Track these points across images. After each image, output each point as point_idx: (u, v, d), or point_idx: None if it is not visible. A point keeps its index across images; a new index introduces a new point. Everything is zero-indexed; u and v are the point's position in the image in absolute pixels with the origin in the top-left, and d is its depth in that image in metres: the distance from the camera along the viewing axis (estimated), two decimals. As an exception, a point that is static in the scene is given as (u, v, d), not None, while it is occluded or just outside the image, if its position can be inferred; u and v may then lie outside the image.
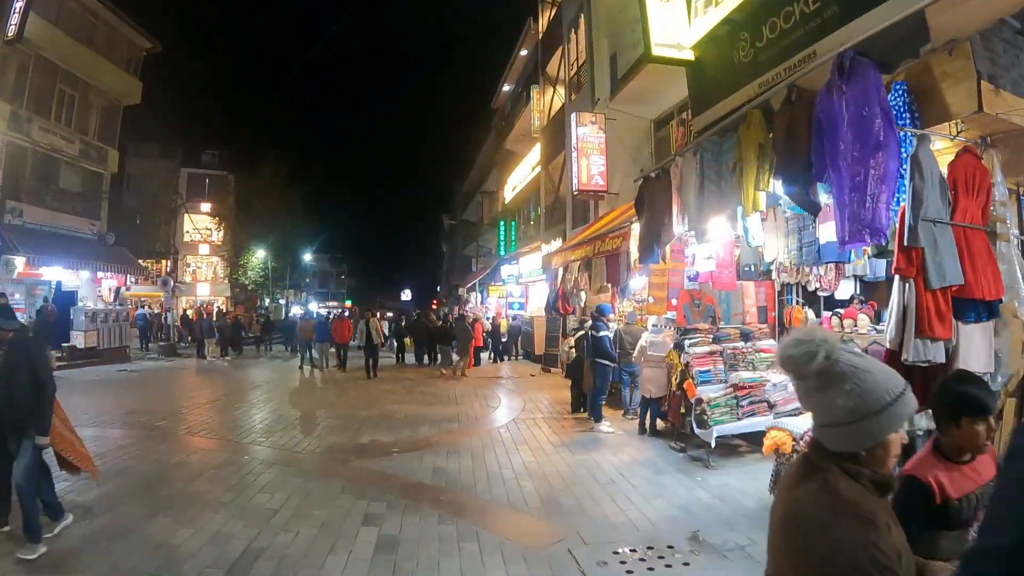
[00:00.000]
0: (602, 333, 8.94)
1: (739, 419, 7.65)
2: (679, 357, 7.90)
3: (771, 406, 7.92)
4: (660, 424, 9.13)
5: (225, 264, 44.72)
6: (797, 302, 9.59)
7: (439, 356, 18.89)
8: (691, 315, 8.31)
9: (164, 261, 43.30)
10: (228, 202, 42.14)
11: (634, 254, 8.59)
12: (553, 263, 12.12)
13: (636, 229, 8.88)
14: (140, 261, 37.69)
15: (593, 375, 9.17)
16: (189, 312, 34.10)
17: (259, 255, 41.24)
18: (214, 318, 25.84)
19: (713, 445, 7.42)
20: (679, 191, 6.84)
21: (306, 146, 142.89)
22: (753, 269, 9.17)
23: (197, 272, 47.00)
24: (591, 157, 13.15)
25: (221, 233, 43.13)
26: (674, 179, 7.07)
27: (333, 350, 17.83)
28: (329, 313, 21.58)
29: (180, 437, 8.75)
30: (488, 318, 24.32)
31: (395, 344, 22.75)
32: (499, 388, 14.34)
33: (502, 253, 26.32)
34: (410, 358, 21.25)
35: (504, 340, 22.78)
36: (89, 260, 21.51)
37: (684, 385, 7.62)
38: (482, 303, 32.71)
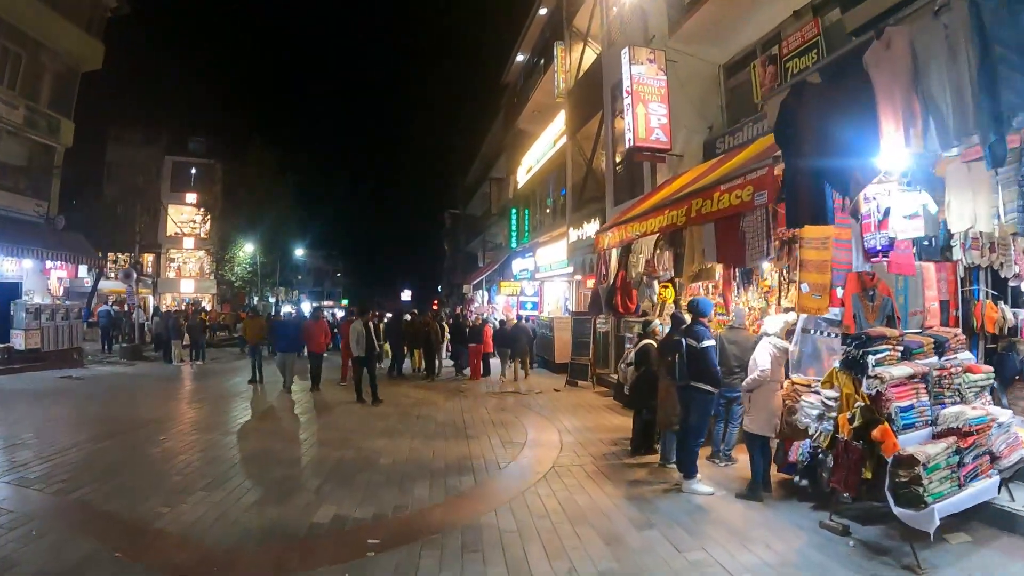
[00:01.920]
0: (706, 343, 5.71)
1: (961, 486, 4.51)
2: (856, 383, 4.69)
3: (993, 459, 4.82)
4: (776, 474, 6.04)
5: (211, 259, 41.58)
6: (988, 294, 6.41)
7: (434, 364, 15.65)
8: (863, 313, 5.14)
9: (146, 256, 40.28)
10: (215, 192, 39.18)
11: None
12: (604, 244, 8.80)
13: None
14: (120, 255, 34.91)
15: (689, 407, 5.95)
16: (173, 310, 30.86)
17: (247, 249, 37.92)
18: (185, 317, 22.83)
19: (933, 537, 4.29)
20: (911, 80, 3.64)
21: (301, 137, 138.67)
22: (933, 244, 6.01)
23: (182, 268, 43.97)
24: (650, 105, 9.86)
25: (207, 225, 40.06)
26: (881, 72, 3.88)
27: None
28: (319, 310, 17.78)
29: (41, 502, 5.53)
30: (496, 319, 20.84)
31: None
32: (519, 409, 11.12)
33: (514, 245, 23.13)
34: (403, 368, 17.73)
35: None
36: (33, 246, 18.20)
37: (876, 432, 4.40)
38: (489, 302, 29.52)
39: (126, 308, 26.40)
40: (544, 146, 18.91)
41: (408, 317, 18.86)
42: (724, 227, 6.02)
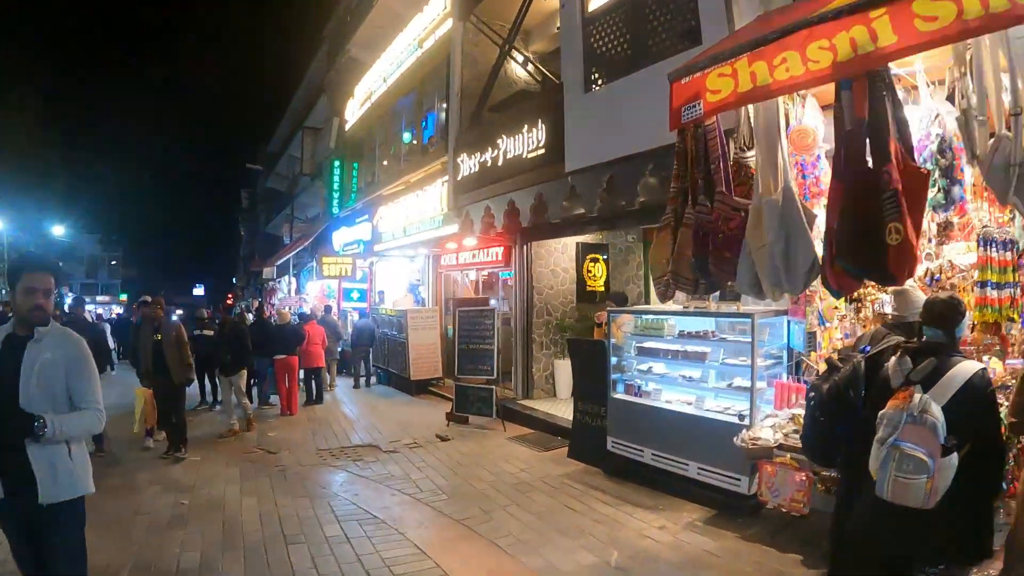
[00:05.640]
0: None
1: None
2: None
3: None
4: None
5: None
6: None
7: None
8: None
9: None
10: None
11: None
12: (738, 88, 2.76)
13: None
14: None
15: None
16: None
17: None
18: None
19: None
20: None
21: (66, 88, 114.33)
22: None
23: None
24: None
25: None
26: None
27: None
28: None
29: None
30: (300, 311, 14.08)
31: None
32: (408, 508, 5.25)
33: (336, 210, 16.66)
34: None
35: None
36: None
37: None
38: (298, 291, 22.44)
39: None
40: (398, 55, 12.69)
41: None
42: None
